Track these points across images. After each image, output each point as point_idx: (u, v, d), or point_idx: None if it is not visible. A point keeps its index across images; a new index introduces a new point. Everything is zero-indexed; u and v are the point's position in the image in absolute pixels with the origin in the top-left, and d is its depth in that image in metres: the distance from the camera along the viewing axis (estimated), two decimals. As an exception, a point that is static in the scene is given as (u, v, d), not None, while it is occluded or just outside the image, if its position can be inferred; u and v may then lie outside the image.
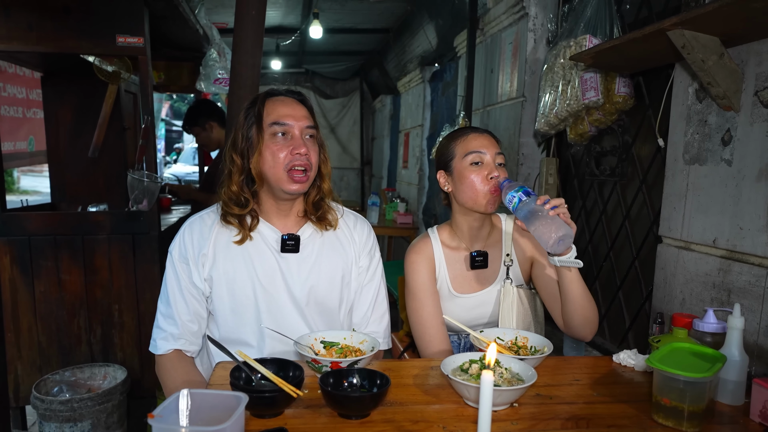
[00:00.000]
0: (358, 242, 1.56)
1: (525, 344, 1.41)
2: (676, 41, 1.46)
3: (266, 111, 1.40)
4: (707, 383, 1.04)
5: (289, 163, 1.37)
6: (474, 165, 1.53)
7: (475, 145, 1.54)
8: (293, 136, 1.40)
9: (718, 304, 1.57)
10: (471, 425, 1.04)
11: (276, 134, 1.39)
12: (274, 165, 1.38)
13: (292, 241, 1.45)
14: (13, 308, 2.48)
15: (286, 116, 1.39)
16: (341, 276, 1.51)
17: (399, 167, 6.64)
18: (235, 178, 1.41)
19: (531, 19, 2.86)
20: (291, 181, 1.38)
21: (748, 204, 1.49)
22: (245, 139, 1.41)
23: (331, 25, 5.57)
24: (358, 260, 1.55)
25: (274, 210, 1.47)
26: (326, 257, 1.49)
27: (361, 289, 1.56)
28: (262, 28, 2.18)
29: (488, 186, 1.51)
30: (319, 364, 1.21)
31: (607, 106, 2.16)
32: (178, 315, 1.43)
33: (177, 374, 1.42)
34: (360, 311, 1.56)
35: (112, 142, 3.25)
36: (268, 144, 1.38)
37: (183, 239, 1.46)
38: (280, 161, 1.37)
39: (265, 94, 1.45)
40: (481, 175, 1.52)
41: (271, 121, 1.39)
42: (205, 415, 0.82)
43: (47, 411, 2.15)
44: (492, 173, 1.51)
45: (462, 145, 1.56)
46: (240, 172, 1.41)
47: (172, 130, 21.07)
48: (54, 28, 2.40)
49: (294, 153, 1.37)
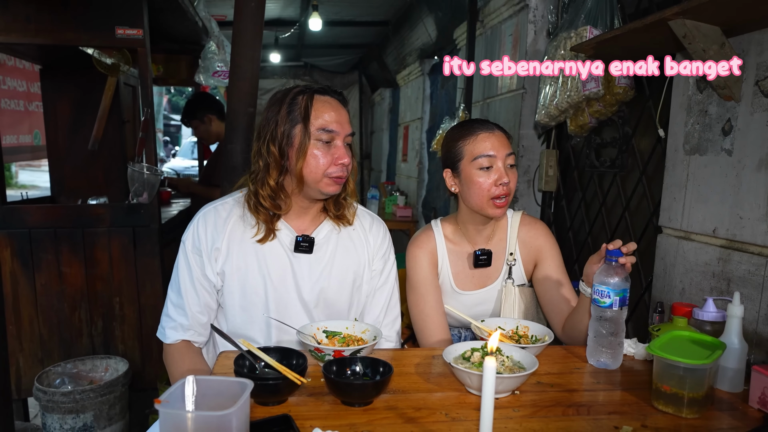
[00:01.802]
0: (372, 245, 1.53)
1: (526, 333, 1.41)
2: (677, 31, 1.46)
3: (314, 112, 1.35)
4: (707, 370, 1.05)
5: (332, 172, 1.36)
6: (483, 170, 1.47)
7: (485, 147, 1.48)
8: (337, 144, 1.37)
9: (717, 293, 1.58)
10: (473, 412, 1.05)
11: (321, 140, 1.35)
12: (315, 170, 1.35)
13: (306, 242, 1.43)
14: (14, 301, 2.48)
15: (334, 123, 1.35)
16: (352, 279, 1.49)
17: (398, 160, 6.64)
18: (274, 173, 1.37)
19: (531, 10, 2.85)
20: (332, 184, 1.37)
21: (748, 193, 1.49)
22: (286, 136, 1.36)
23: (330, 17, 5.55)
24: (371, 263, 1.53)
25: (296, 208, 1.45)
26: (339, 259, 1.48)
27: (374, 293, 1.54)
28: (262, 20, 2.17)
29: (497, 192, 1.46)
30: (321, 353, 1.21)
31: (608, 98, 2.16)
32: (189, 306, 1.42)
33: (184, 364, 1.42)
34: (372, 314, 1.54)
35: (111, 135, 3.25)
36: (312, 149, 1.35)
37: (197, 230, 1.43)
38: (321, 168, 1.35)
39: (312, 91, 1.39)
40: (490, 180, 1.47)
41: (320, 126, 1.34)
42: (211, 401, 0.83)
43: (49, 403, 2.17)
44: (502, 179, 1.46)
45: (471, 146, 1.50)
46: (279, 169, 1.38)
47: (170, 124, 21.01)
48: (52, 19, 2.39)
49: (338, 163, 1.36)
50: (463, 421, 1.01)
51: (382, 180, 7.40)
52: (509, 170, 1.49)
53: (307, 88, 1.41)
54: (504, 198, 1.48)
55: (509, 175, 1.48)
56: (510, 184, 1.47)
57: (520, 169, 2.96)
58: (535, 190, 2.96)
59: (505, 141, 1.51)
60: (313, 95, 1.38)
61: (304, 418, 1.00)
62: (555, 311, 1.56)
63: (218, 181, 2.57)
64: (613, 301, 1.24)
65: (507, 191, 1.47)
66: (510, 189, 1.48)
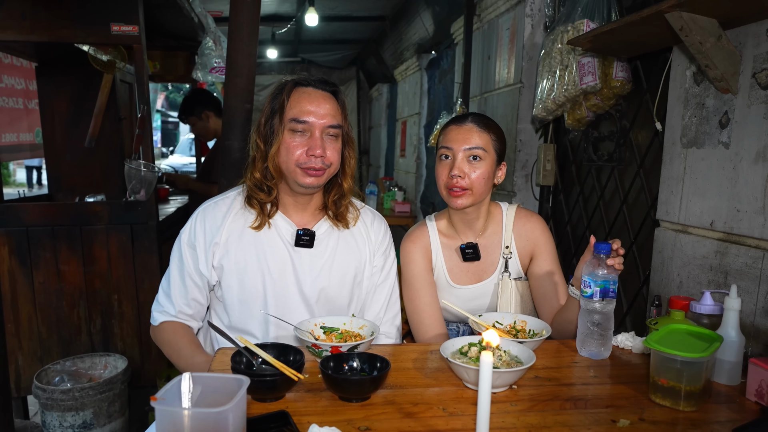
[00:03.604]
0: (374, 240, 1.53)
1: (523, 328, 1.42)
2: (674, 23, 1.46)
3: (290, 103, 1.36)
4: (704, 363, 1.05)
5: (303, 162, 1.35)
6: (441, 160, 1.52)
7: (445, 140, 1.52)
8: (312, 134, 1.35)
9: (715, 286, 1.58)
10: (470, 407, 1.05)
11: (295, 130, 1.35)
12: (287, 160, 1.36)
13: (306, 236, 1.43)
14: (13, 299, 2.48)
15: (307, 113, 1.34)
16: (353, 275, 1.49)
17: (396, 156, 6.63)
18: (258, 165, 1.39)
19: (528, 4, 2.84)
20: (305, 175, 1.35)
21: (745, 186, 1.49)
22: (268, 126, 1.38)
23: (326, 12, 5.53)
24: (373, 259, 1.53)
25: (292, 203, 1.45)
26: (340, 255, 1.48)
27: (374, 289, 1.54)
28: (258, 16, 2.16)
29: (450, 183, 1.48)
30: (319, 349, 1.21)
31: (605, 91, 2.16)
32: (175, 298, 1.44)
33: (178, 337, 1.42)
34: (373, 311, 1.54)
35: (108, 133, 3.24)
36: (285, 138, 1.35)
37: (194, 226, 1.44)
38: (292, 158, 1.35)
39: (294, 83, 1.39)
40: (444, 171, 1.50)
41: (291, 116, 1.34)
42: (208, 398, 0.83)
43: (49, 400, 2.17)
44: (452, 170, 1.47)
45: (441, 137, 1.55)
46: (263, 160, 1.39)
47: (168, 121, 20.97)
48: (47, 16, 2.37)
49: (309, 154, 1.34)
50: (461, 416, 1.01)
51: (380, 175, 7.40)
52: (467, 163, 1.48)
53: (293, 80, 1.41)
54: (458, 189, 1.47)
55: (465, 167, 1.48)
56: (466, 177, 1.47)
57: (518, 163, 2.95)
58: (533, 184, 2.96)
59: (471, 135, 1.49)
60: (294, 87, 1.38)
61: (302, 414, 1.00)
62: (545, 305, 1.57)
63: (216, 178, 2.57)
64: (594, 292, 1.27)
65: (460, 184, 1.47)
66: (468, 183, 1.47)
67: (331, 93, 1.40)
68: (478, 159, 1.48)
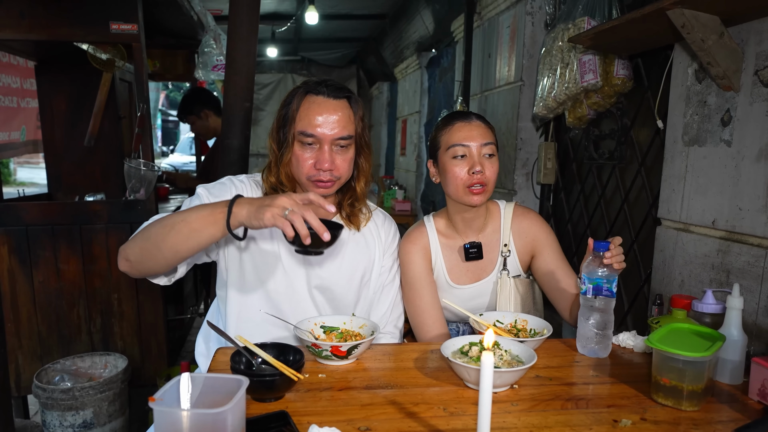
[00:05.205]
0: (384, 240, 1.54)
1: (524, 327, 1.41)
2: (675, 21, 1.45)
3: (299, 113, 1.34)
4: (706, 362, 1.04)
5: (313, 175, 1.34)
6: (457, 158, 1.47)
7: (459, 137, 1.48)
8: (321, 147, 1.33)
9: (716, 285, 1.57)
10: (471, 407, 1.04)
11: (304, 143, 1.34)
12: (297, 172, 1.36)
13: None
14: (12, 298, 2.47)
15: (315, 126, 1.32)
16: (361, 275, 1.49)
17: (397, 154, 6.63)
18: (274, 170, 1.40)
19: (529, 2, 2.83)
20: (314, 187, 1.36)
21: (747, 184, 1.48)
22: (281, 134, 1.37)
23: (326, 10, 5.52)
24: (382, 259, 1.53)
25: None
26: (349, 254, 1.47)
27: (381, 289, 1.54)
28: (257, 14, 2.15)
29: (471, 180, 1.45)
30: (319, 349, 1.21)
31: (606, 89, 2.15)
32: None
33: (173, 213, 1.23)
34: (379, 311, 1.54)
35: (107, 132, 3.24)
36: (295, 150, 1.34)
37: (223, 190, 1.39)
38: (303, 171, 1.35)
39: (306, 90, 1.36)
40: (463, 169, 1.47)
41: (300, 129, 1.33)
42: (206, 398, 0.82)
43: (49, 400, 2.16)
44: (474, 167, 1.45)
45: (447, 135, 1.50)
46: (277, 166, 1.39)
47: (168, 120, 20.96)
48: (46, 15, 2.37)
49: (317, 168, 1.33)
50: (462, 416, 1.01)
51: (380, 174, 7.39)
52: (485, 159, 1.47)
53: (305, 85, 1.38)
54: (480, 186, 1.46)
55: (485, 164, 1.46)
56: (486, 173, 1.46)
57: (518, 161, 2.95)
58: (534, 182, 2.95)
59: (483, 131, 1.49)
60: (304, 95, 1.36)
61: (301, 414, 1.00)
62: (560, 298, 1.55)
63: (216, 177, 2.56)
64: (587, 289, 1.28)
65: (481, 180, 1.45)
66: (487, 178, 1.46)
67: (345, 99, 1.38)
68: (492, 155, 1.49)
